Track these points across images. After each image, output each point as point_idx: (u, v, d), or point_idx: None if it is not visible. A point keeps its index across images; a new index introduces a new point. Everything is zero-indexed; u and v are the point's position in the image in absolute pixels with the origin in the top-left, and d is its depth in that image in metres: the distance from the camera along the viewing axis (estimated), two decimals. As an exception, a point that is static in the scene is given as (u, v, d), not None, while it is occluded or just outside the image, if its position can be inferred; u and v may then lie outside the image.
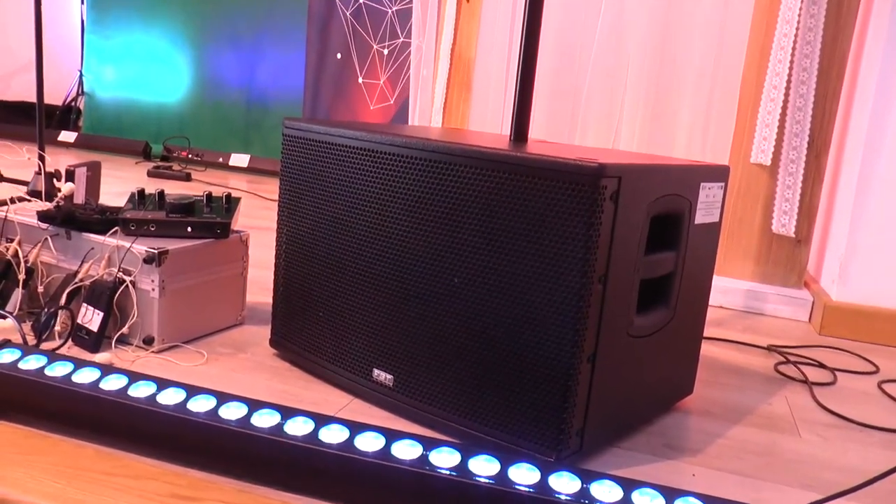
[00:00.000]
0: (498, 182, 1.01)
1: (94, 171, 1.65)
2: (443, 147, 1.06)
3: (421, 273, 1.11)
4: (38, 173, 2.11)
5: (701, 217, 1.21)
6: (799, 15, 2.04)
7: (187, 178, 3.70)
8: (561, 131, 2.56)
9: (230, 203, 1.51)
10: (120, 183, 3.39)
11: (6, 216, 1.48)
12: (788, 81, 2.06)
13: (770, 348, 1.80)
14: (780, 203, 2.09)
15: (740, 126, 2.16)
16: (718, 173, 1.24)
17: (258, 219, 2.75)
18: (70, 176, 1.57)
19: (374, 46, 3.53)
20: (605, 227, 0.97)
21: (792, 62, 2.05)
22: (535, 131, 1.30)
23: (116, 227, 1.39)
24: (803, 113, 2.05)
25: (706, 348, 1.66)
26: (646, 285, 1.11)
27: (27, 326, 1.38)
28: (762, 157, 2.10)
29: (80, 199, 1.59)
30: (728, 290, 2.15)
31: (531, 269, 1.00)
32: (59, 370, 1.03)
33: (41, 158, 1.60)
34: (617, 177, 0.96)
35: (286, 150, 1.29)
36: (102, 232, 1.40)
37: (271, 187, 3.59)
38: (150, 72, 4.73)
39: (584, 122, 2.55)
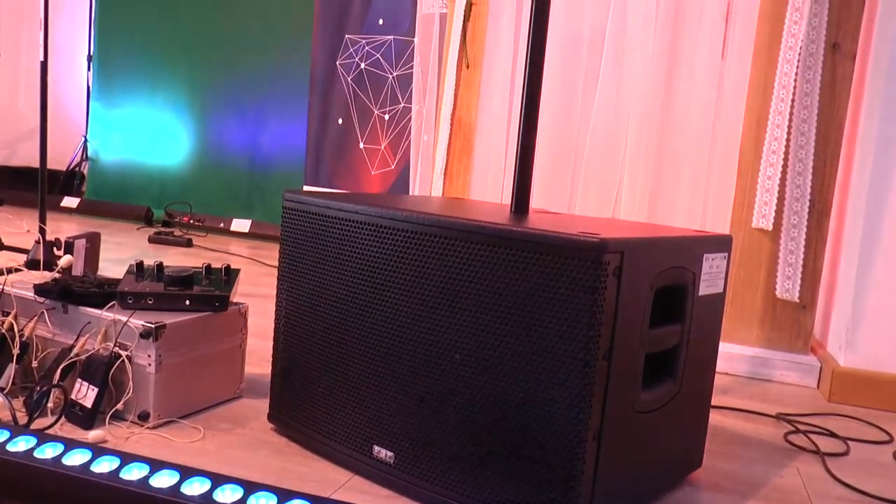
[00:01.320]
0: (499, 257, 1.00)
1: (93, 243, 1.64)
2: (443, 221, 1.05)
3: (422, 348, 1.09)
4: (38, 242, 2.11)
5: (705, 288, 1.19)
6: (795, 82, 2.06)
7: (188, 244, 3.70)
8: (561, 199, 2.57)
9: (229, 275, 1.50)
10: (121, 250, 3.39)
11: (2, 289, 1.46)
12: (787, 147, 2.07)
13: (779, 417, 1.76)
14: (784, 268, 2.07)
15: (741, 191, 2.16)
16: (721, 243, 1.23)
17: (258, 286, 2.73)
18: (69, 248, 1.57)
19: (375, 112, 3.57)
20: (609, 302, 0.95)
21: (790, 128, 2.07)
22: (536, 199, 1.30)
23: (114, 301, 1.38)
24: (803, 178, 2.06)
25: (713, 417, 1.63)
26: (651, 359, 1.09)
27: (19, 402, 1.35)
28: (763, 222, 2.09)
29: (78, 270, 1.58)
30: (733, 356, 2.12)
31: (534, 346, 0.98)
32: (48, 452, 1.01)
33: (41, 231, 1.59)
34: (619, 251, 0.95)
35: (286, 222, 1.29)
36: (100, 305, 1.38)
37: (272, 253, 3.59)
38: (154, 138, 4.78)
39: (584, 189, 2.56)
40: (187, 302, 1.41)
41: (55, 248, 2.19)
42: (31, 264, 2.12)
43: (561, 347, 0.96)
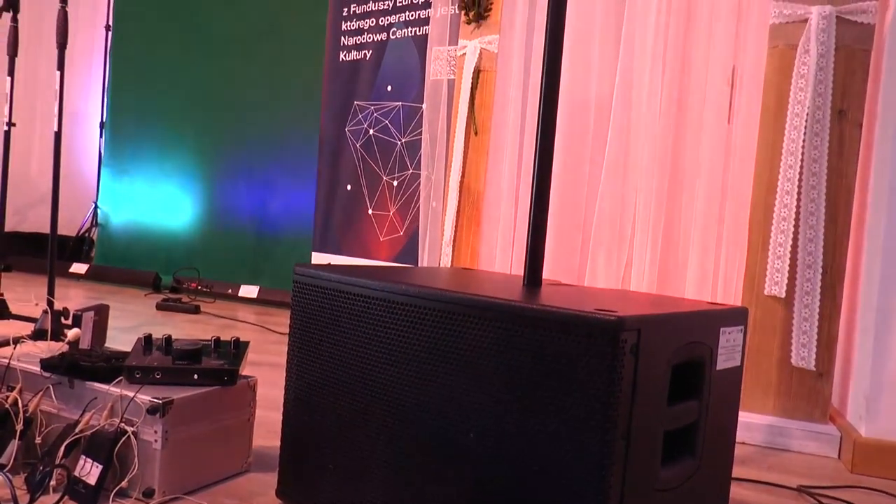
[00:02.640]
0: (514, 334, 0.98)
1: (101, 316, 1.63)
2: (457, 298, 1.04)
3: (435, 425, 1.07)
4: (46, 312, 2.10)
5: (722, 362, 1.17)
6: (803, 148, 2.06)
7: (196, 310, 3.69)
8: (570, 268, 2.56)
9: (238, 348, 1.48)
10: (129, 317, 3.38)
11: (8, 363, 1.45)
12: (797, 213, 2.06)
13: (801, 489, 1.71)
14: (798, 335, 2.04)
15: (752, 258, 2.15)
16: (737, 316, 1.21)
17: (266, 353, 2.71)
18: (77, 320, 1.55)
19: (384, 178, 3.60)
20: (626, 381, 0.93)
21: (799, 195, 2.06)
22: (545, 267, 1.29)
23: (121, 377, 1.36)
24: (814, 244, 2.05)
25: (733, 490, 1.58)
26: (670, 436, 1.06)
27: (21, 480, 1.32)
28: (776, 290, 2.07)
29: (85, 344, 1.57)
30: (750, 425, 2.07)
31: (550, 425, 0.95)
32: (51, 537, 0.98)
33: (49, 303, 1.58)
34: (636, 329, 0.93)
35: (296, 296, 1.28)
36: (107, 380, 1.36)
37: (280, 319, 3.57)
38: (163, 203, 4.82)
39: (593, 258, 2.55)
40: (196, 376, 1.39)
41: (63, 318, 2.18)
42: (39, 334, 2.11)
43: (578, 428, 0.93)
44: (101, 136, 5.20)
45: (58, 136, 2.49)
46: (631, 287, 2.49)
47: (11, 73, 2.65)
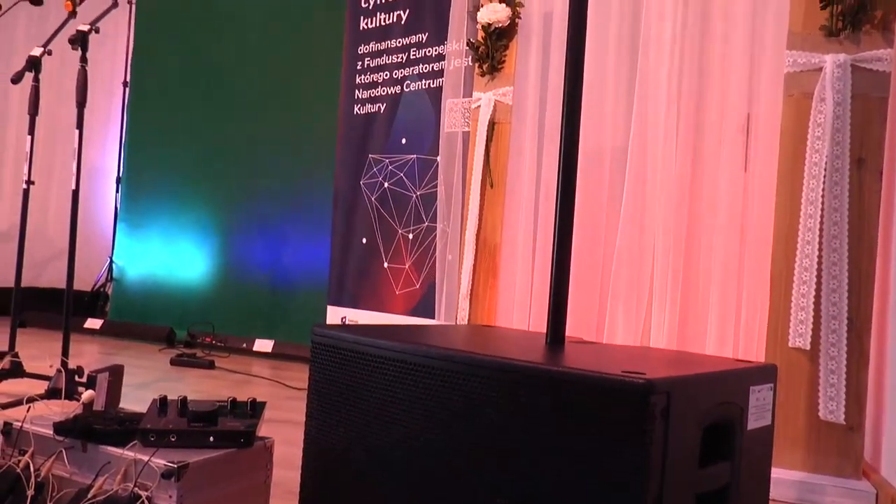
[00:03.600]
0: (540, 397, 0.95)
1: (115, 376, 1.62)
2: (479, 360, 1.02)
3: (460, 492, 1.03)
4: (60, 371, 2.08)
5: (753, 422, 1.13)
6: (822, 198, 2.04)
7: (210, 365, 3.67)
8: (589, 321, 2.53)
9: (255, 409, 1.45)
10: (143, 373, 3.36)
11: (21, 427, 1.42)
12: (819, 263, 2.03)
13: (835, 551, 1.64)
14: (826, 388, 1.99)
15: (774, 309, 2.10)
16: (766, 374, 1.18)
17: (282, 410, 2.67)
18: (91, 382, 1.54)
19: (399, 231, 3.59)
20: (657, 445, 0.89)
21: (821, 244, 2.03)
22: (565, 322, 1.27)
23: (135, 440, 1.33)
24: (838, 295, 2.01)
25: (766, 554, 1.52)
26: (702, 499, 1.02)
27: (34, 549, 1.29)
28: (800, 341, 2.03)
29: (100, 405, 1.55)
30: (779, 481, 2.00)
31: (579, 490, 0.92)
32: None
33: (63, 365, 1.57)
34: (665, 392, 0.90)
35: (315, 357, 1.25)
36: (121, 444, 1.33)
37: (296, 374, 3.54)
38: (178, 257, 4.84)
39: (612, 311, 2.52)
40: (212, 439, 1.36)
41: (77, 377, 2.17)
42: (52, 393, 2.09)
43: (608, 492, 0.90)
44: (117, 191, 5.25)
45: (75, 194, 2.51)
46: (651, 341, 2.45)
47: (32, 132, 2.68)
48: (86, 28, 2.54)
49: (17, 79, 2.56)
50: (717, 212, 2.46)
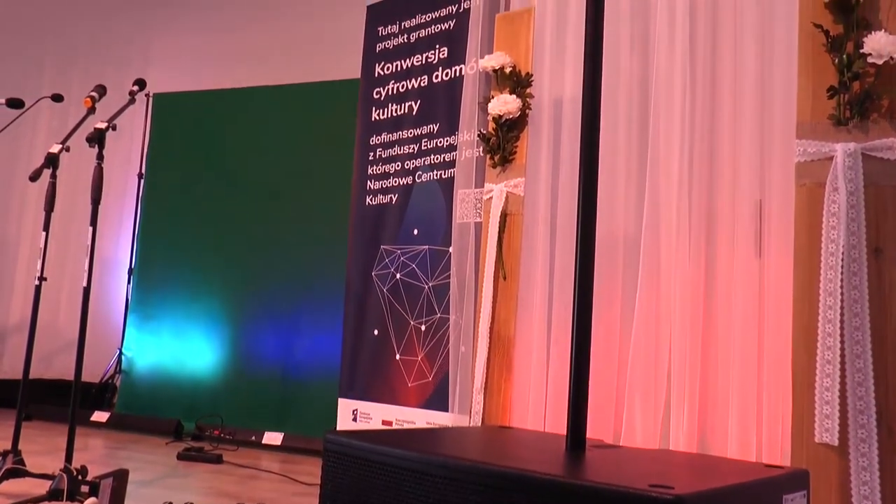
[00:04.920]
0: (562, 513, 0.91)
1: (119, 482, 1.57)
2: (499, 472, 0.97)
3: None
4: (62, 473, 2.03)
5: (789, 533, 1.07)
6: (841, 288, 2.01)
7: (218, 460, 3.59)
8: (606, 421, 2.46)
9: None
10: (149, 469, 3.29)
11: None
12: (842, 355, 1.98)
13: None
14: (858, 487, 1.91)
15: (798, 403, 2.04)
16: (798, 481, 1.13)
17: (291, 510, 2.59)
18: (94, 489, 1.49)
19: (412, 322, 3.56)
20: (690, 566, 0.84)
21: (842, 336, 1.99)
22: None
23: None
24: (865, 388, 1.95)
25: None
26: None
27: None
28: (827, 437, 1.95)
29: (104, 513, 1.50)
30: (813, 587, 1.90)
31: None
32: None
33: (66, 468, 1.52)
34: (698, 507, 0.85)
35: (327, 466, 1.21)
36: (123, 557, 1.28)
37: (306, 468, 3.45)
38: (188, 348, 4.81)
39: (629, 409, 2.45)
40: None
41: (80, 477, 2.11)
42: (54, 495, 2.04)
43: None
44: (128, 283, 5.26)
45: (86, 291, 2.50)
46: (671, 439, 2.37)
47: (47, 228, 2.70)
48: (103, 126, 2.59)
49: (35, 177, 2.60)
50: (732, 301, 2.42)
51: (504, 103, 2.73)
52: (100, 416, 4.64)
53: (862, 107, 2.09)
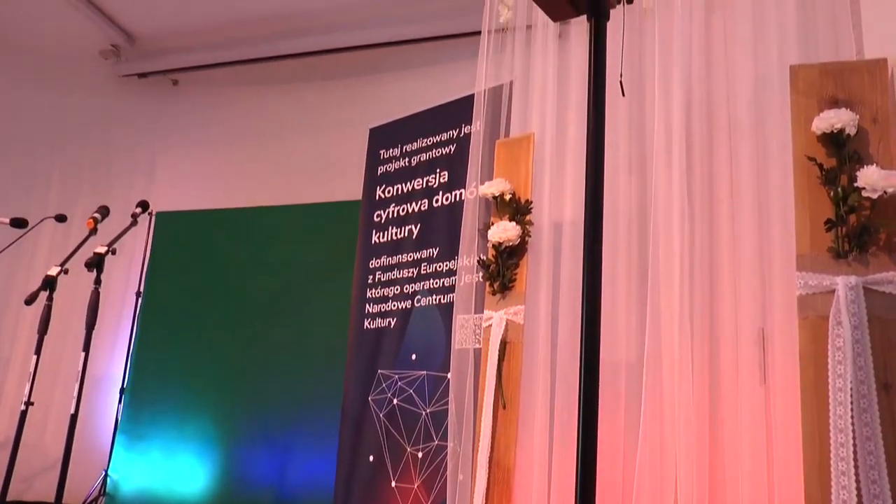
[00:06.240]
0: None
1: None
2: None
3: None
4: None
5: None
6: (853, 425, 1.95)
7: None
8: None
9: None
10: None
11: None
12: (858, 494, 1.91)
13: None
14: None
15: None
16: None
17: None
18: None
19: (408, 449, 3.46)
20: None
21: (857, 473, 1.92)
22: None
23: None
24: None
25: None
26: None
27: None
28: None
29: None
30: None
31: None
32: None
33: None
34: None
35: None
36: None
37: None
38: (178, 470, 4.66)
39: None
40: None
41: None
42: None
43: None
44: (119, 401, 5.15)
45: (73, 418, 2.45)
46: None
47: (38, 351, 2.66)
48: (103, 250, 2.60)
49: (30, 300, 2.59)
50: (739, 428, 2.37)
51: (504, 230, 2.74)
52: (79, 545, 4.44)
53: (860, 240, 2.10)
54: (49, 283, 2.69)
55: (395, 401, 3.60)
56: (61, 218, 3.42)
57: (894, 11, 2.47)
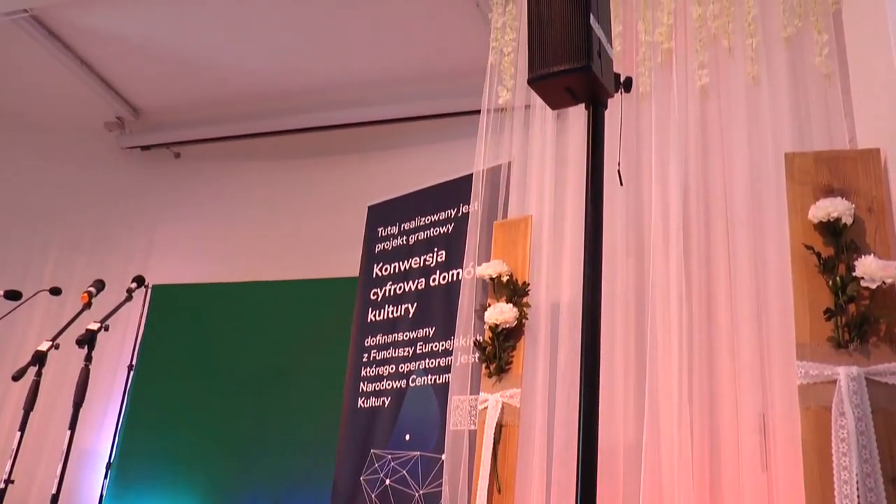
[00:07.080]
0: None
1: None
2: None
3: None
4: None
5: None
6: (857, 488, 1.90)
7: None
8: None
9: None
10: None
11: None
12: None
13: None
14: None
15: None
16: None
17: None
18: None
19: (402, 528, 3.36)
20: None
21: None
22: None
23: None
24: None
25: None
26: None
27: None
28: None
29: None
30: None
31: None
32: None
33: None
34: None
35: None
36: None
37: None
38: (162, 552, 4.52)
39: None
40: None
41: None
42: None
43: None
44: (105, 477, 5.01)
45: (55, 498, 2.37)
46: None
47: (23, 428, 2.60)
48: (95, 327, 2.57)
49: (18, 376, 2.54)
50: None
51: (500, 312, 2.72)
52: None
53: (860, 329, 2.08)
54: (39, 359, 2.65)
55: (387, 481, 3.51)
56: (56, 291, 3.40)
57: (885, 101, 2.52)
